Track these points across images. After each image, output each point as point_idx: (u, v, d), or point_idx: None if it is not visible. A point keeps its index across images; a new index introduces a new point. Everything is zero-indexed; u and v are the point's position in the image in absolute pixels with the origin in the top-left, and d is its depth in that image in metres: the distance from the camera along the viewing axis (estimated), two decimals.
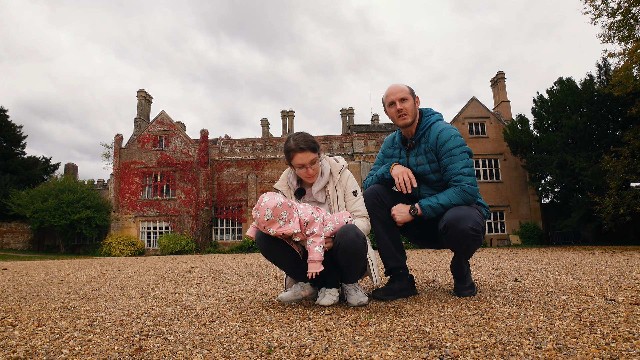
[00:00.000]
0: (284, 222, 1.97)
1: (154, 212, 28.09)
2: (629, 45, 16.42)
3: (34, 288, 3.43)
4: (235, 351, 1.31)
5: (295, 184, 2.37)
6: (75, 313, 2.06)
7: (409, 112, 2.25)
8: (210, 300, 2.44)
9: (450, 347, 1.28)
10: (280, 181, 2.44)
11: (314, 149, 2.21)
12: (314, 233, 2.02)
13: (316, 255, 1.99)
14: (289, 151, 2.23)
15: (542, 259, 6.28)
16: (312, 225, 2.03)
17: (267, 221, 1.96)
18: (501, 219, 26.67)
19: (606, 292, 2.22)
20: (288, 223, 1.98)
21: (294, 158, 2.21)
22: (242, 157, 28.82)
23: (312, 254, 2.00)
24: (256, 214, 2.00)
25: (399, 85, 2.31)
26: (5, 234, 28.90)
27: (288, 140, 2.24)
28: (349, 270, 2.14)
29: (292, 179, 2.38)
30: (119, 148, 28.83)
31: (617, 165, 17.64)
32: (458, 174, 2.14)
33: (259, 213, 1.98)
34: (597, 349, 1.19)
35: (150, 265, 7.22)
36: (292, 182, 2.38)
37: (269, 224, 1.97)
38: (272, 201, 1.96)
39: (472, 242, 2.09)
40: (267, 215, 1.95)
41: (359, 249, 2.03)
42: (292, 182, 2.38)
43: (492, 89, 31.56)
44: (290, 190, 2.40)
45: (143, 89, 32.10)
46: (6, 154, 31.15)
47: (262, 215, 1.96)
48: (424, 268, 4.66)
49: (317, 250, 2.00)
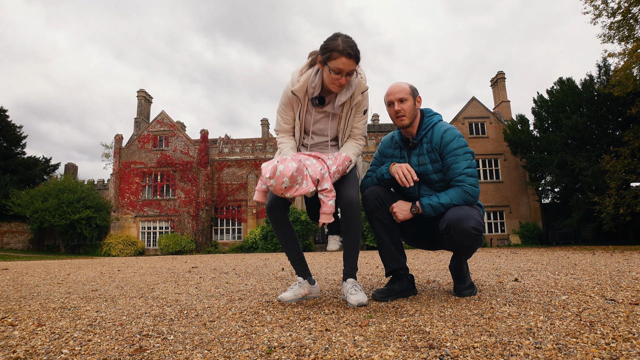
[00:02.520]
0: (299, 185, 2.04)
1: (154, 212, 28.09)
2: (629, 45, 16.43)
3: (34, 288, 3.43)
4: (235, 351, 1.31)
5: (316, 89, 2.16)
6: (75, 313, 2.06)
7: (407, 113, 2.21)
8: (210, 300, 2.44)
9: (450, 347, 1.28)
10: (298, 84, 2.16)
11: (358, 61, 2.03)
12: (327, 189, 2.12)
13: (329, 208, 2.12)
14: (333, 49, 1.98)
15: (542, 259, 6.28)
16: (323, 182, 2.13)
17: (284, 189, 2.02)
18: (501, 219, 26.67)
19: (606, 292, 2.22)
20: (302, 185, 2.05)
21: (337, 60, 1.98)
22: (242, 157, 28.82)
23: (326, 207, 2.12)
24: (271, 182, 2.01)
25: (400, 84, 2.26)
26: (5, 234, 28.90)
27: (334, 38, 2.01)
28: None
29: (316, 82, 2.14)
30: (119, 148, 28.83)
31: (617, 165, 17.65)
32: (461, 174, 2.13)
33: (276, 182, 2.00)
34: (597, 349, 1.19)
35: (150, 265, 7.22)
36: (313, 86, 2.15)
37: (286, 191, 2.03)
38: (287, 169, 1.99)
39: (474, 241, 2.10)
40: (285, 184, 2.00)
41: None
42: (313, 86, 2.15)
43: (492, 89, 31.56)
44: (306, 95, 2.19)
45: (143, 89, 32.11)
46: (6, 154, 31.15)
47: (280, 184, 2.00)
48: (424, 268, 4.66)
49: (330, 203, 2.13)
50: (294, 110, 2.26)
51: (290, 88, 2.18)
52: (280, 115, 2.31)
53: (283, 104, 2.26)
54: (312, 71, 2.16)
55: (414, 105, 2.25)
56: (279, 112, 2.31)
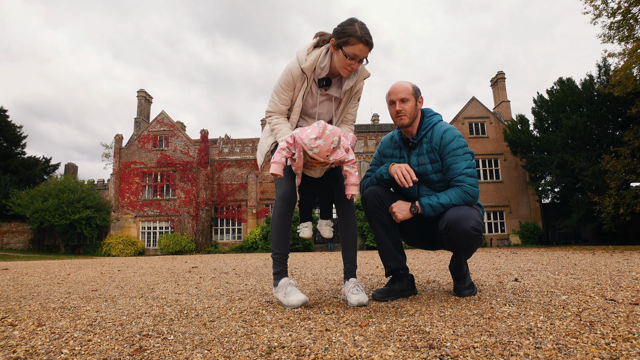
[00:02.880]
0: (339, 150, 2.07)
1: (154, 212, 28.09)
2: (629, 45, 16.43)
3: (34, 288, 3.43)
4: (235, 351, 1.31)
5: (324, 70, 2.13)
6: (75, 313, 2.06)
7: (407, 113, 2.21)
8: (210, 300, 2.44)
9: (450, 347, 1.28)
10: (308, 63, 2.09)
11: (372, 48, 2.07)
12: (353, 160, 2.16)
13: (357, 179, 2.17)
14: (351, 35, 1.98)
15: (542, 259, 6.28)
16: (350, 153, 2.15)
17: (332, 149, 1.99)
18: (501, 219, 26.67)
19: (606, 292, 2.22)
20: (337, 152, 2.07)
21: (354, 46, 1.99)
22: (242, 157, 28.82)
23: (354, 178, 2.16)
24: (318, 143, 1.93)
25: (402, 84, 2.25)
26: (5, 234, 28.90)
27: (351, 24, 2.01)
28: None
29: (326, 63, 2.11)
30: (119, 148, 28.83)
31: (617, 165, 17.66)
32: (461, 174, 2.13)
33: (325, 142, 1.94)
34: (597, 349, 1.19)
35: (150, 265, 7.22)
36: (322, 67, 2.12)
37: (332, 152, 2.00)
38: (337, 130, 1.99)
39: (474, 241, 2.10)
40: (334, 144, 1.98)
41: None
42: (322, 66, 2.12)
43: (492, 89, 31.57)
44: (313, 74, 2.14)
45: (143, 89, 32.12)
46: (6, 154, 31.15)
47: (329, 144, 1.96)
48: (424, 268, 4.66)
49: (357, 174, 2.17)
50: (296, 90, 2.20)
51: (298, 65, 2.11)
52: (278, 95, 2.21)
53: (285, 82, 2.17)
54: (319, 51, 2.12)
55: (415, 106, 2.24)
56: (278, 92, 2.21)
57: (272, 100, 2.26)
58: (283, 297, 2.10)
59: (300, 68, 2.11)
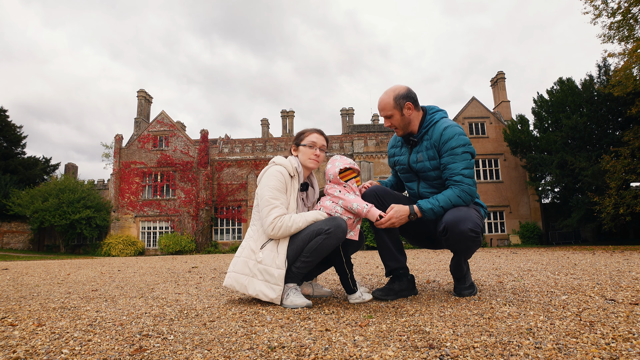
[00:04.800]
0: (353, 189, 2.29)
1: (154, 212, 28.09)
2: (629, 45, 16.43)
3: (34, 288, 3.43)
4: (235, 351, 1.31)
5: (300, 174, 2.29)
6: (75, 313, 2.06)
7: (397, 125, 2.30)
8: (210, 300, 2.44)
9: (450, 347, 1.28)
10: (285, 163, 2.24)
11: (326, 139, 2.40)
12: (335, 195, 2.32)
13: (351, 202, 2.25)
14: (304, 132, 2.35)
15: (542, 259, 6.28)
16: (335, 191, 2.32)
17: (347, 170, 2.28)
18: (501, 219, 26.67)
19: (606, 292, 2.22)
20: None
21: (309, 136, 2.32)
22: (242, 157, 28.81)
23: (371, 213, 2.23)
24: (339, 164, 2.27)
25: (383, 99, 2.27)
26: (6, 234, 28.89)
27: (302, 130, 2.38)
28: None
29: (298, 166, 2.29)
30: (119, 148, 28.82)
31: (617, 165, 17.65)
32: (458, 175, 2.14)
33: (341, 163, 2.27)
34: (597, 349, 1.19)
35: (150, 265, 7.22)
36: (298, 170, 2.28)
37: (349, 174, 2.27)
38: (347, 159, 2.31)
39: (472, 243, 2.10)
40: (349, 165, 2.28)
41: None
42: (298, 169, 2.28)
43: (492, 89, 31.55)
44: (293, 178, 2.25)
45: (143, 89, 32.13)
46: (6, 154, 31.15)
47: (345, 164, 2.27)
48: (424, 268, 4.66)
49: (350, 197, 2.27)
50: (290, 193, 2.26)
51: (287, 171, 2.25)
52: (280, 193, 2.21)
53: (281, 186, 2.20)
54: (291, 158, 2.36)
55: (402, 116, 2.26)
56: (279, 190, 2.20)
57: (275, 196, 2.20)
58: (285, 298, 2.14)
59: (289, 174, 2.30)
